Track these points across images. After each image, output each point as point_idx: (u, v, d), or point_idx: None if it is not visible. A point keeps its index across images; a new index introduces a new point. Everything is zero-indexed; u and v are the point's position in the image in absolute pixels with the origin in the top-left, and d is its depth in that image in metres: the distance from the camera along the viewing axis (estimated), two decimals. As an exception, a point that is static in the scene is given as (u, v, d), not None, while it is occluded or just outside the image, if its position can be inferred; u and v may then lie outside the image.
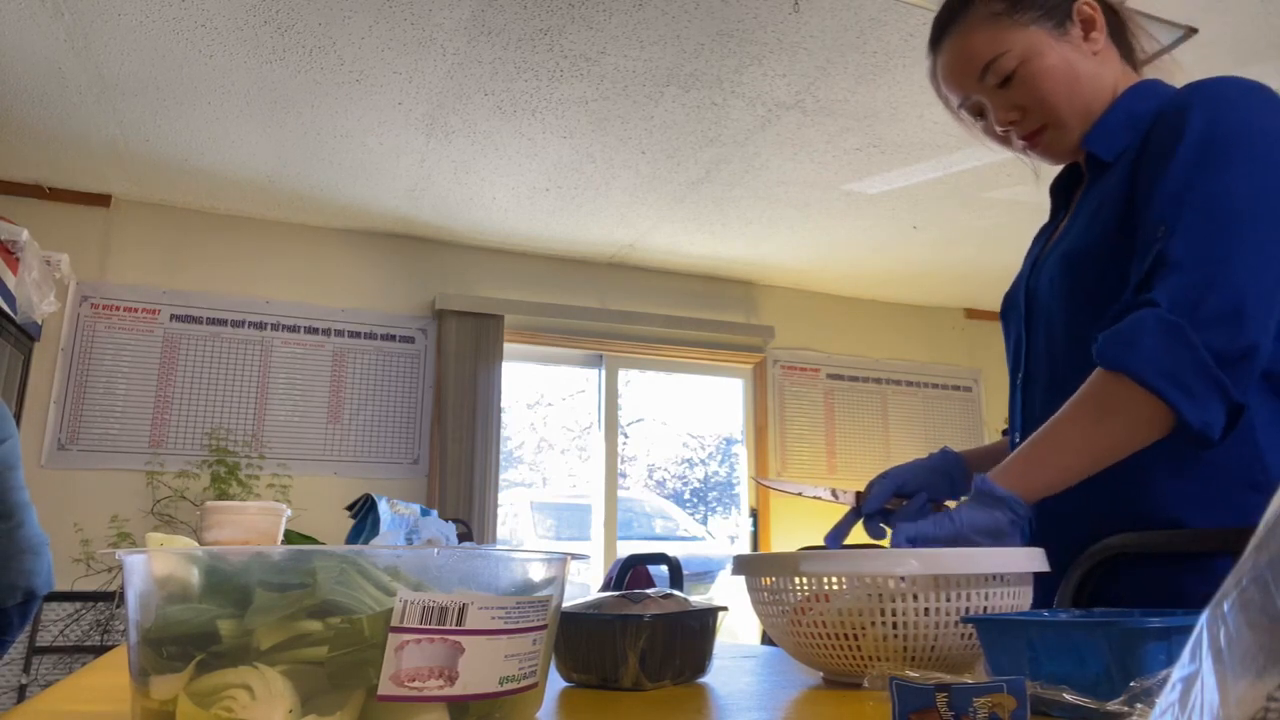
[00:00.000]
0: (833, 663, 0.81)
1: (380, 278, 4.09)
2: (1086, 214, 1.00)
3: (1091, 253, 0.97)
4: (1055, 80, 1.00)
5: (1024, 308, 1.08)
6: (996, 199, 3.71)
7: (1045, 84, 1.00)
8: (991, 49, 1.01)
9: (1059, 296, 1.00)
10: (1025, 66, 1.00)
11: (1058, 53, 1.00)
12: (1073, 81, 1.00)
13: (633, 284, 4.53)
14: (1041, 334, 1.04)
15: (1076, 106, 1.00)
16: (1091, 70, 1.01)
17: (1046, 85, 1.00)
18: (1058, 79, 1.00)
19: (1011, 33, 1.00)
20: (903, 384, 4.98)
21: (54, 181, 3.61)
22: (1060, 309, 1.00)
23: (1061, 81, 1.00)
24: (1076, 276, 0.98)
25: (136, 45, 2.64)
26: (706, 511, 7.73)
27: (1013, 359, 1.11)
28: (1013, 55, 1.00)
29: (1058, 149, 1.04)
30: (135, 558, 0.55)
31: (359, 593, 0.51)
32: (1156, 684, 0.53)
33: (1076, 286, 0.98)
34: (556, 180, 3.55)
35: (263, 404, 3.77)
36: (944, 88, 1.08)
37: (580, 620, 0.81)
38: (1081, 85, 1.00)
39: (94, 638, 3.35)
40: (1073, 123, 1.01)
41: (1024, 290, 1.09)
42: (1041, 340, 1.04)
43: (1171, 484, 0.90)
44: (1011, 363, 1.11)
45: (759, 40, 2.61)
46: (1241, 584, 0.26)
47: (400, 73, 2.79)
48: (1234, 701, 0.25)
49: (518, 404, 7.62)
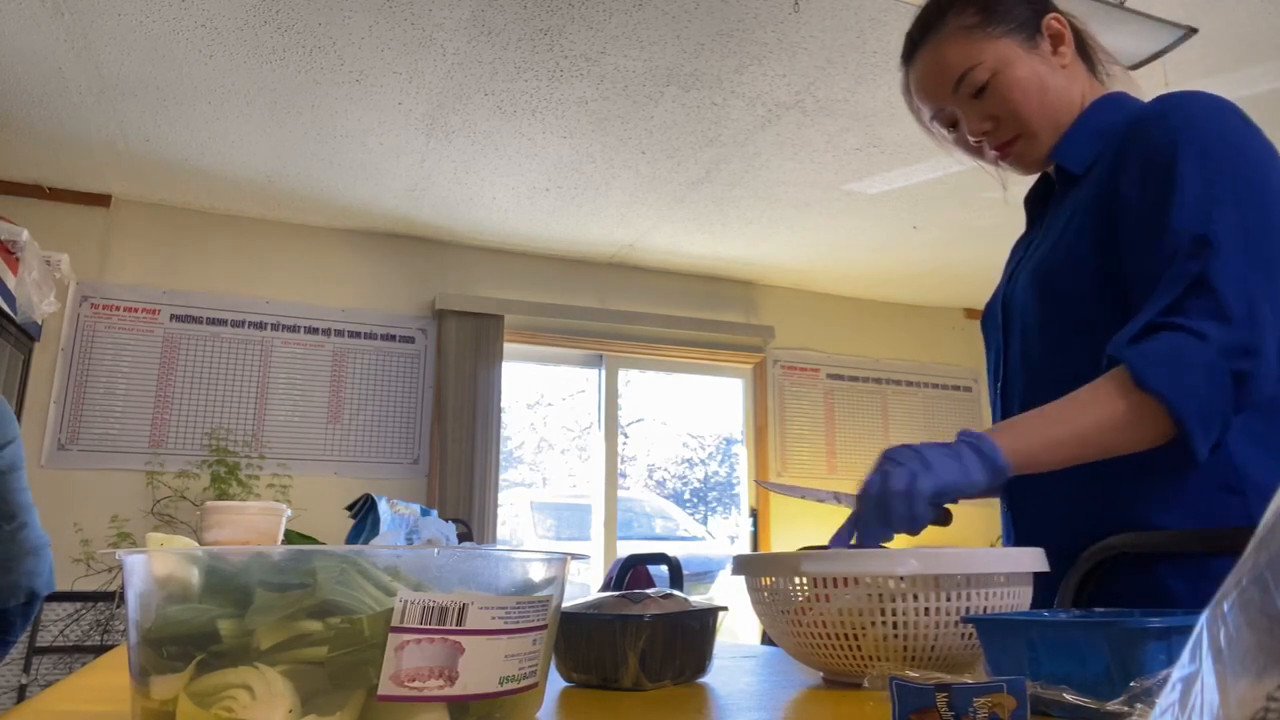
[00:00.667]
0: (833, 663, 0.81)
1: (380, 278, 4.09)
2: (1057, 227, 1.02)
3: (1062, 265, 0.98)
4: (1026, 91, 1.02)
5: (1001, 319, 1.10)
6: (996, 199, 3.71)
7: (1016, 94, 1.02)
8: (965, 61, 1.03)
9: (1033, 309, 1.02)
10: (998, 78, 1.02)
11: (1028, 65, 1.02)
12: (1043, 93, 1.02)
13: (633, 284, 4.53)
14: (1018, 344, 1.06)
15: (1047, 117, 1.03)
16: (1060, 83, 1.04)
17: (1018, 96, 1.02)
18: (1029, 90, 1.02)
19: (984, 45, 1.02)
20: (902, 384, 4.98)
21: (54, 181, 3.61)
22: (1035, 321, 1.02)
23: (1032, 92, 1.02)
24: (1048, 288, 1.00)
25: (136, 45, 2.64)
26: (706, 511, 7.73)
27: (993, 368, 1.13)
28: (985, 67, 1.02)
29: (1029, 159, 1.06)
30: (135, 558, 0.55)
31: (359, 593, 0.51)
32: (1156, 684, 0.53)
33: (1049, 298, 1.00)
34: (556, 180, 3.55)
35: (263, 404, 3.77)
36: (917, 100, 1.10)
37: (580, 620, 0.81)
38: (1051, 97, 1.03)
39: (94, 638, 3.35)
40: (1043, 133, 1.03)
41: (1001, 302, 1.10)
42: (1018, 351, 1.06)
43: (1144, 485, 0.92)
44: (992, 372, 1.13)
45: (759, 40, 2.61)
46: (1241, 584, 0.26)
47: (400, 73, 2.79)
48: (1234, 701, 0.25)
49: (518, 404, 7.62)
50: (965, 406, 5.09)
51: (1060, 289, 0.98)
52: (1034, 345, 1.03)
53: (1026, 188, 1.17)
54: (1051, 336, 1.00)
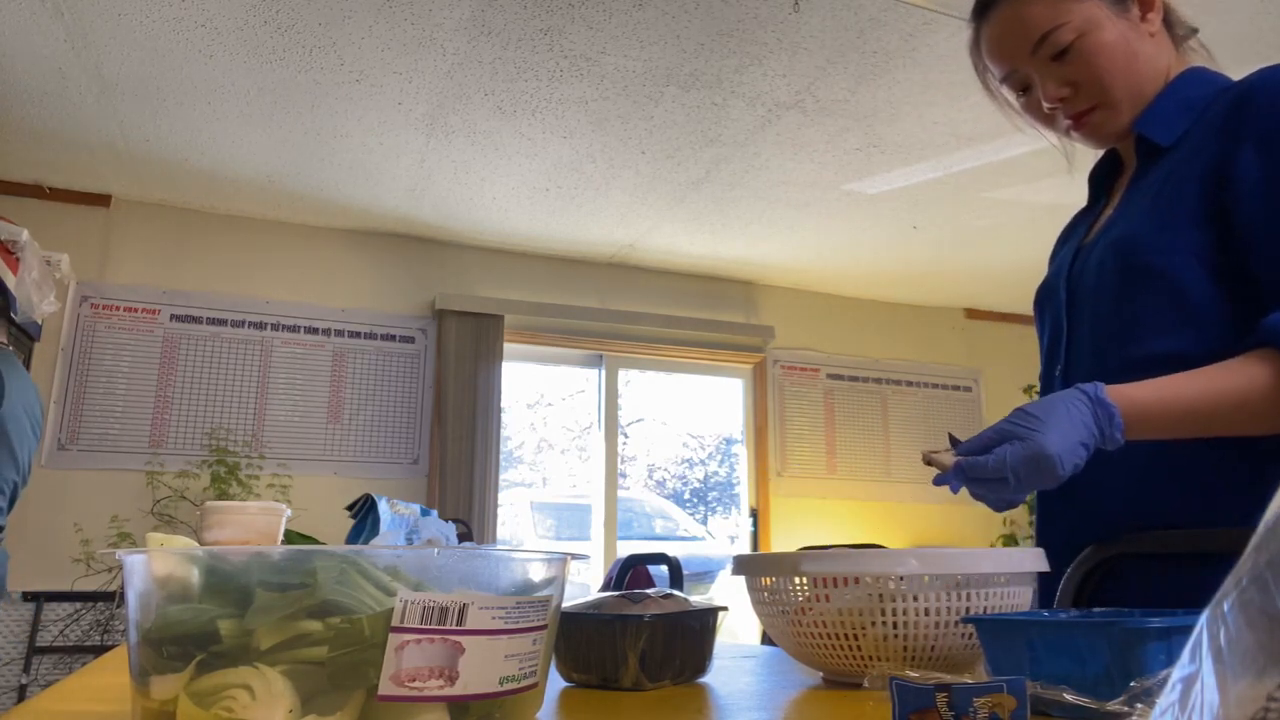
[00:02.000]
0: (833, 663, 0.81)
1: (380, 278, 4.09)
2: (1143, 202, 0.97)
3: (1150, 239, 0.93)
4: (1113, 57, 0.96)
5: (1065, 297, 1.04)
6: (996, 199, 3.71)
7: (1102, 60, 0.96)
8: (1050, 19, 0.96)
9: (1110, 284, 0.96)
10: (1083, 40, 0.96)
11: (1117, 29, 0.96)
12: (1130, 60, 0.96)
13: (633, 284, 4.53)
14: (1086, 323, 1.00)
15: (1130, 87, 0.97)
16: (1149, 51, 0.98)
17: (1103, 62, 0.96)
18: (1115, 56, 0.96)
19: (1071, 4, 0.96)
20: (902, 384, 4.98)
21: (54, 181, 3.61)
22: (1110, 298, 0.96)
23: (1119, 59, 0.96)
24: (1132, 262, 0.94)
25: (136, 45, 2.64)
26: (706, 511, 7.73)
27: (1049, 351, 1.07)
28: (1071, 27, 0.95)
29: (1105, 131, 1.00)
30: (135, 558, 0.55)
31: (359, 593, 0.51)
32: (1156, 684, 0.53)
33: (1132, 273, 0.94)
34: (556, 180, 3.55)
35: (263, 404, 3.77)
36: (989, 59, 1.03)
37: (580, 620, 0.81)
38: (1138, 65, 0.97)
39: (94, 638, 3.35)
40: (1124, 104, 0.98)
41: (1065, 279, 1.04)
42: (1086, 330, 1.00)
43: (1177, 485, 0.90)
44: (1047, 355, 1.07)
45: (759, 40, 2.61)
46: (1241, 584, 0.26)
47: (400, 73, 2.79)
48: (1234, 701, 0.25)
49: (518, 404, 7.62)
50: (965, 406, 5.09)
51: (1148, 264, 0.93)
52: (1105, 322, 0.97)
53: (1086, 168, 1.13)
54: (1129, 314, 0.94)
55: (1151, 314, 0.92)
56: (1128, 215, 0.98)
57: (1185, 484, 0.90)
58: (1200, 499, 0.90)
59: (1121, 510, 0.94)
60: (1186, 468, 0.90)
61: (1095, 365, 0.98)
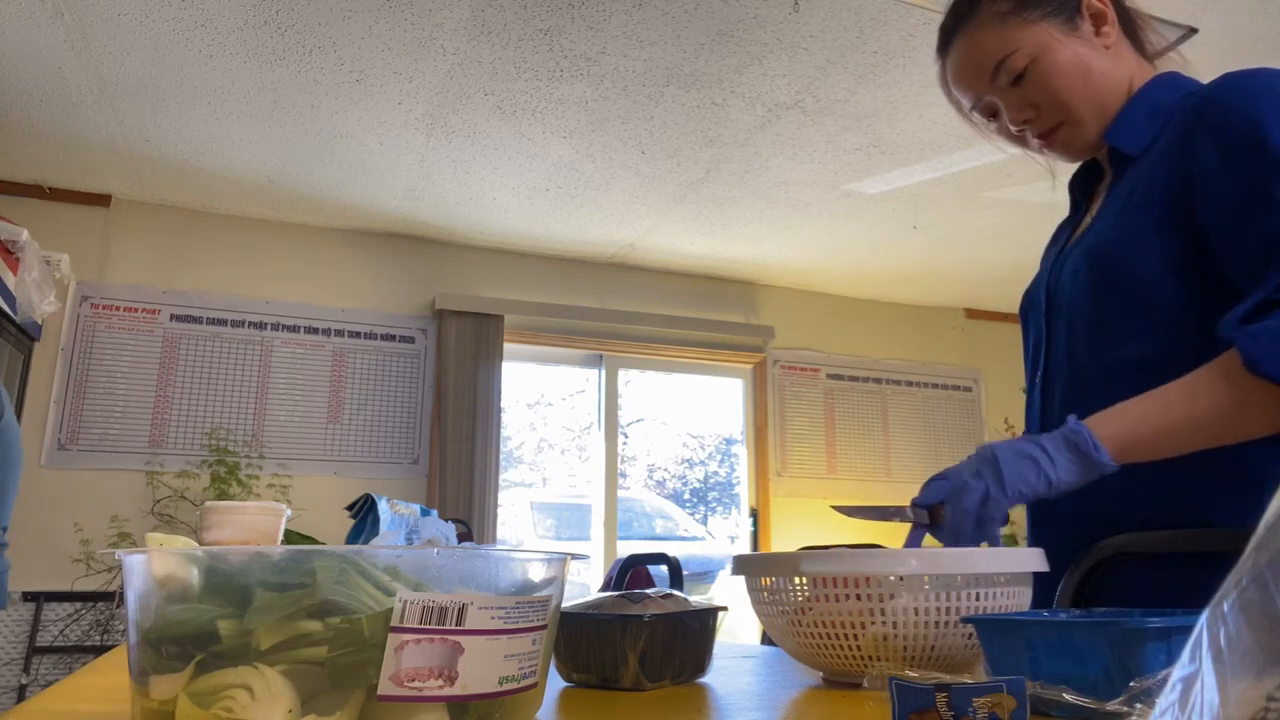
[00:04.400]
0: (833, 663, 0.81)
1: (380, 278, 4.09)
2: (1114, 209, 0.98)
3: (1122, 247, 0.94)
4: (1068, 76, 0.98)
5: (1044, 305, 1.06)
6: (996, 199, 3.71)
7: (1058, 80, 0.98)
8: (1001, 48, 0.99)
9: (1083, 292, 0.98)
10: (1036, 64, 0.98)
11: (1069, 49, 0.99)
12: (1086, 76, 0.99)
13: (633, 284, 4.53)
14: (1063, 331, 1.02)
15: (1091, 101, 0.99)
16: (1105, 65, 1.00)
17: (1059, 81, 0.98)
18: (1071, 75, 0.98)
19: (1020, 31, 0.99)
20: (902, 384, 4.98)
21: (54, 181, 3.61)
22: (1084, 305, 0.98)
23: (1075, 77, 0.98)
24: (1104, 270, 0.96)
25: (136, 45, 2.64)
26: (706, 511, 7.73)
27: (1031, 358, 1.09)
28: (1023, 54, 0.99)
29: (1074, 146, 1.03)
30: (135, 558, 0.55)
31: (359, 593, 0.51)
32: (1156, 684, 0.53)
33: (1103, 281, 0.96)
34: (556, 180, 3.55)
35: (263, 404, 3.77)
36: (955, 91, 1.07)
37: (580, 620, 0.81)
38: (1095, 80, 0.99)
39: (94, 638, 3.35)
40: (1089, 118, 1.00)
41: (1045, 287, 1.06)
42: (1063, 338, 1.02)
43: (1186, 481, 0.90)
44: (1030, 362, 1.09)
45: (759, 40, 2.61)
46: (1241, 584, 0.26)
47: (400, 73, 2.79)
48: (1234, 701, 0.25)
49: (518, 404, 7.62)
50: (965, 407, 5.09)
51: (1118, 272, 0.95)
52: (1080, 331, 0.99)
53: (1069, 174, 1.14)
54: (1102, 321, 0.96)
55: (1123, 320, 0.94)
56: (1101, 223, 1.00)
57: (1184, 484, 0.90)
58: (1200, 499, 0.90)
59: (1119, 510, 0.94)
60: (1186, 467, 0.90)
61: (1071, 372, 1.00)
